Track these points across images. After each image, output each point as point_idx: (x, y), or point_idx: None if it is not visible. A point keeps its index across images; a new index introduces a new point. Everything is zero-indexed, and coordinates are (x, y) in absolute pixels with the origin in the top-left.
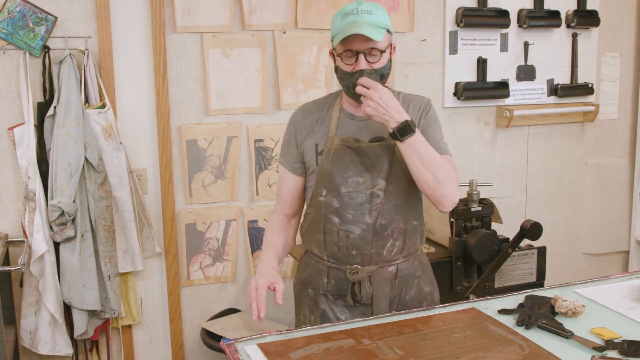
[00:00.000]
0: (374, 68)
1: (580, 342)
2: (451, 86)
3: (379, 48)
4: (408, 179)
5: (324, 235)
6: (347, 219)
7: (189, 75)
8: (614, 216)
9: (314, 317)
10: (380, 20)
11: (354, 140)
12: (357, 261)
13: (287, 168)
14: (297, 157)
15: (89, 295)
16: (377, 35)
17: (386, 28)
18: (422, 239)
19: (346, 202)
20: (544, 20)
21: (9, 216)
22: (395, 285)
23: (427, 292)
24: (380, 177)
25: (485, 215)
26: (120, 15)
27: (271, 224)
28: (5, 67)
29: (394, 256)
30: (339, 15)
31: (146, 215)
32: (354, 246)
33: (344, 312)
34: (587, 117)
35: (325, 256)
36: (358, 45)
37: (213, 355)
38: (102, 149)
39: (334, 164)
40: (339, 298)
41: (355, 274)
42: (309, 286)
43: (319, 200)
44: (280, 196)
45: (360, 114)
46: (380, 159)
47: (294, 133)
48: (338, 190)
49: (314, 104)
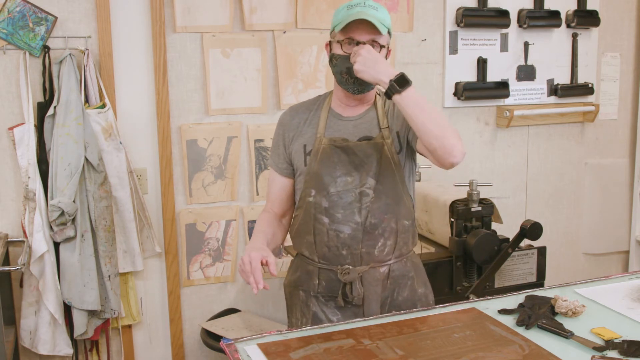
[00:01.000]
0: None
1: (580, 342)
2: (451, 86)
3: (379, 42)
4: (399, 178)
5: (313, 236)
6: (337, 218)
7: (189, 75)
8: (614, 216)
9: (305, 320)
10: (384, 18)
11: (342, 140)
12: (347, 261)
13: (275, 170)
14: (285, 158)
15: (89, 295)
16: (382, 28)
17: (388, 28)
18: (415, 240)
19: (335, 201)
20: (544, 20)
21: (9, 216)
22: (387, 286)
23: (421, 293)
24: (370, 175)
25: (485, 215)
26: (120, 15)
27: (260, 219)
28: (5, 67)
29: (386, 256)
30: (344, 7)
31: (146, 215)
32: (344, 246)
33: (336, 314)
34: (587, 117)
35: (315, 257)
36: (360, 35)
37: (213, 355)
38: (102, 149)
39: (322, 164)
40: (330, 299)
41: (347, 274)
42: (299, 288)
43: (308, 201)
44: (270, 197)
45: (349, 114)
46: (369, 157)
47: (281, 135)
48: (327, 190)
49: (302, 105)
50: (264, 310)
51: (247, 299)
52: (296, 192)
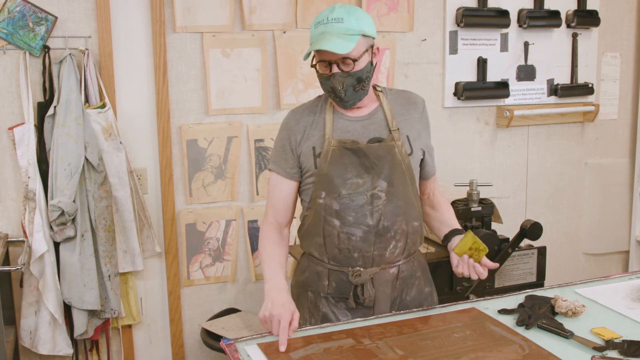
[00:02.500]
0: (350, 73)
1: (580, 342)
2: (451, 86)
3: (350, 57)
4: (409, 179)
5: (323, 238)
6: (348, 221)
7: (189, 75)
8: (614, 216)
9: (314, 320)
10: (352, 27)
11: (352, 142)
12: (359, 263)
13: (282, 174)
14: (294, 162)
15: (89, 295)
16: (345, 46)
17: (360, 33)
18: (422, 240)
19: (346, 204)
20: (544, 20)
21: (9, 216)
22: (397, 286)
23: (428, 292)
24: (381, 178)
25: (485, 215)
26: (120, 15)
27: (267, 234)
28: (5, 67)
29: (396, 257)
30: (313, 23)
31: (146, 215)
32: (355, 248)
33: (346, 315)
34: (587, 117)
35: (325, 259)
36: (330, 56)
37: (213, 355)
38: (102, 148)
39: (333, 166)
40: (340, 300)
41: (358, 276)
42: (308, 289)
43: (318, 203)
44: (274, 204)
45: (355, 113)
46: (380, 159)
47: (287, 138)
48: (338, 193)
49: (305, 108)
50: None
51: (247, 299)
52: (305, 193)
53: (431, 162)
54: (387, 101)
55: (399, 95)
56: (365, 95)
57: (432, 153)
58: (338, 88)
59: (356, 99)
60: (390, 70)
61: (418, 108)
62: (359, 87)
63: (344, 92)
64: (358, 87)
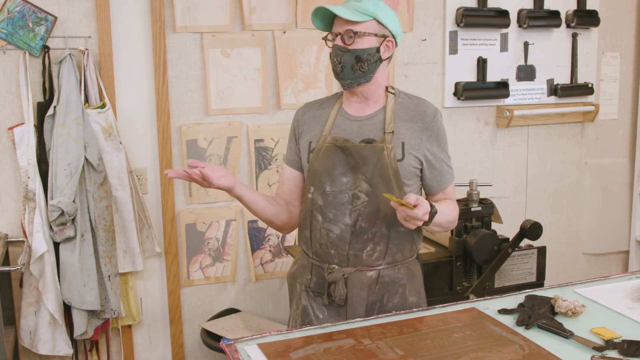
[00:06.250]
0: (348, 48)
1: (580, 342)
2: (451, 86)
3: (352, 29)
4: (396, 184)
5: (310, 231)
6: (329, 217)
7: (189, 75)
8: (614, 216)
9: (298, 312)
10: (367, 7)
11: (343, 140)
12: (335, 261)
13: (285, 162)
14: (297, 152)
15: (89, 295)
16: (351, 15)
17: (373, 16)
18: (414, 247)
19: (330, 200)
20: (544, 20)
21: (9, 216)
22: (375, 290)
23: (413, 302)
24: (364, 179)
25: (485, 215)
26: (120, 15)
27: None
28: (5, 67)
29: (375, 261)
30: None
31: (146, 215)
32: (332, 245)
33: (323, 311)
34: (587, 117)
35: (310, 252)
36: (337, 28)
37: (213, 355)
38: (102, 149)
39: (323, 162)
40: (318, 296)
41: (331, 273)
42: (297, 280)
43: (307, 197)
44: (279, 187)
45: (358, 113)
46: (365, 160)
47: (293, 129)
48: (323, 188)
49: (317, 102)
50: (264, 310)
51: (247, 299)
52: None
53: (437, 177)
54: (394, 104)
55: (410, 100)
56: (365, 80)
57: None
58: (335, 62)
59: (354, 79)
60: (390, 70)
61: (426, 117)
62: (357, 67)
63: (340, 68)
64: (356, 66)
